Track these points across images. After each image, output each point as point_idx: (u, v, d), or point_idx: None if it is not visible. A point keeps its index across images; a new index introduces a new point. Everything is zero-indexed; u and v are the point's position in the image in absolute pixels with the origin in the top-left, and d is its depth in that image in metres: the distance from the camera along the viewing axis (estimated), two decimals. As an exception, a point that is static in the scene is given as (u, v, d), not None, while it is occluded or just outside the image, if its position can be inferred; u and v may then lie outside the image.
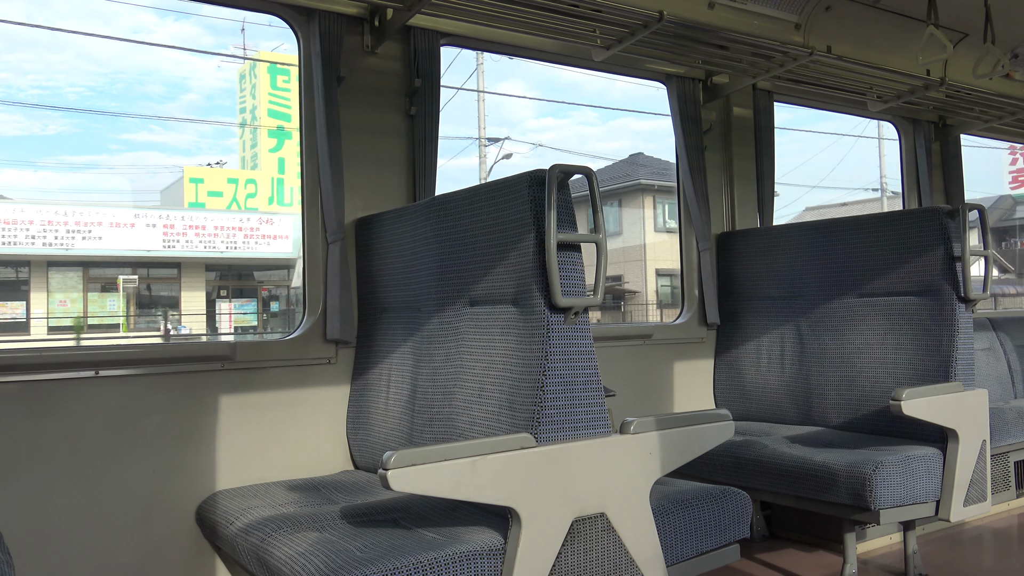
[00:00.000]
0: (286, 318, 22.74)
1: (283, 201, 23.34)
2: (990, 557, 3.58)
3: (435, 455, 1.85)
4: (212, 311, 22.19)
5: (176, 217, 21.08)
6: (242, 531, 2.20)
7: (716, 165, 4.14)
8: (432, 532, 2.04)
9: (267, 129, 23.58)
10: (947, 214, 3.12)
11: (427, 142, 3.17)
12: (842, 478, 2.73)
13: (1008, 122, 5.10)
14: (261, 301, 23.24)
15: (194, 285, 22.10)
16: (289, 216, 22.15)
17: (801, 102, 4.64)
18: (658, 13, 3.20)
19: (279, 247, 22.12)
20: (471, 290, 2.38)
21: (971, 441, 2.90)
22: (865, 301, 3.41)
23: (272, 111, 23.61)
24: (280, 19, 3.02)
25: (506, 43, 3.47)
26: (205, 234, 21.32)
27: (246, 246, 21.73)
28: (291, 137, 23.39)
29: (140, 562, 2.57)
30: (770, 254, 3.82)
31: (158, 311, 21.57)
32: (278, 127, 23.54)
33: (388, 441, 2.67)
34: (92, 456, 2.53)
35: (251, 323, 22.70)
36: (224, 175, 23.49)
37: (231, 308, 22.47)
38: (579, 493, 2.01)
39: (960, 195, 5.29)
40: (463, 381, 2.34)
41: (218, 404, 2.74)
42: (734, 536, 2.36)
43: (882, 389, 3.25)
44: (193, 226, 21.16)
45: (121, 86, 44.73)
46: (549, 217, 2.01)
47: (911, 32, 4.13)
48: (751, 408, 3.84)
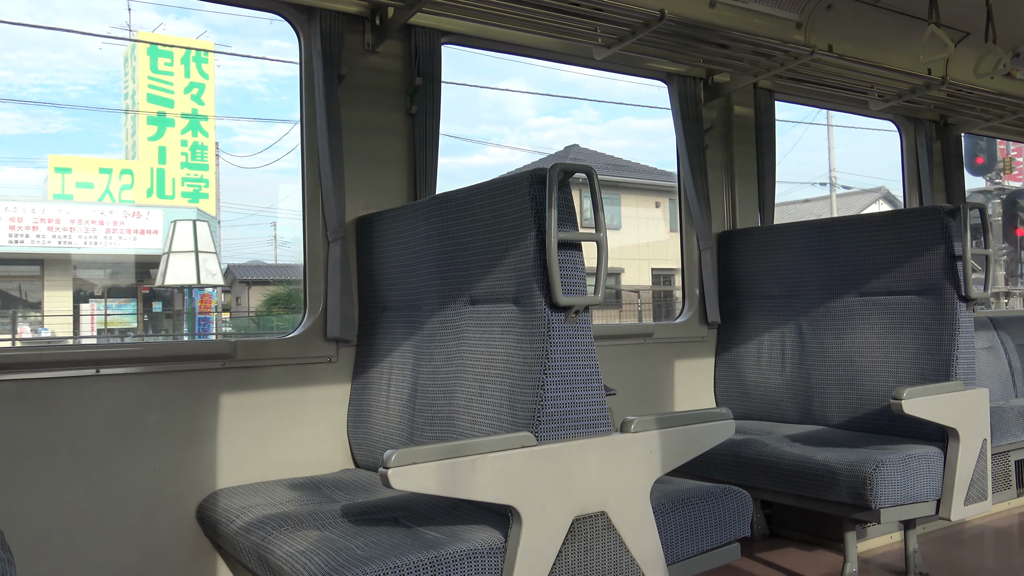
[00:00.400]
0: (174, 321, 19.80)
1: (164, 193, 21.08)
2: (991, 556, 3.58)
3: (436, 454, 1.85)
4: (78, 312, 19.74)
5: (26, 209, 18.65)
6: (243, 529, 2.21)
7: (717, 164, 4.13)
8: (433, 530, 2.04)
9: (146, 116, 21.23)
10: (948, 213, 3.12)
11: (428, 141, 3.16)
12: (843, 477, 2.73)
13: (1009, 121, 5.09)
14: (142, 301, 20.79)
15: (61, 284, 19.80)
16: (160, 209, 19.78)
17: (802, 101, 4.64)
18: (659, 12, 3.20)
19: (147, 243, 19.62)
20: (472, 289, 2.38)
21: (972, 440, 2.89)
22: (866, 300, 3.41)
23: (152, 96, 21.28)
24: (281, 17, 3.02)
25: (507, 42, 3.47)
26: (59, 228, 18.86)
27: (108, 241, 19.42)
28: (173, 124, 21.31)
29: (141, 560, 2.58)
30: (771, 253, 3.82)
31: (6, 312, 18.88)
32: (159, 113, 21.27)
33: (389, 440, 2.67)
34: (93, 454, 2.53)
35: (130, 325, 20.35)
36: (95, 164, 21.07)
37: (93, 308, 19.79)
38: (580, 492, 2.01)
39: (961, 194, 5.29)
40: (464, 380, 2.34)
41: (219, 402, 2.74)
42: (735, 535, 2.36)
43: (883, 388, 3.25)
44: (45, 219, 18.73)
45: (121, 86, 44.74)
46: (550, 216, 2.01)
47: (912, 31, 4.13)
48: (752, 407, 3.84)
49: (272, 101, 58.64)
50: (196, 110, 21.92)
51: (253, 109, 61.92)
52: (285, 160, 26.69)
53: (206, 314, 18.60)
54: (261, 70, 63.16)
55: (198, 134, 21.99)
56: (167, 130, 21.50)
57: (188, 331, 17.62)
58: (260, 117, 68.80)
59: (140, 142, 21.41)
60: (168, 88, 21.56)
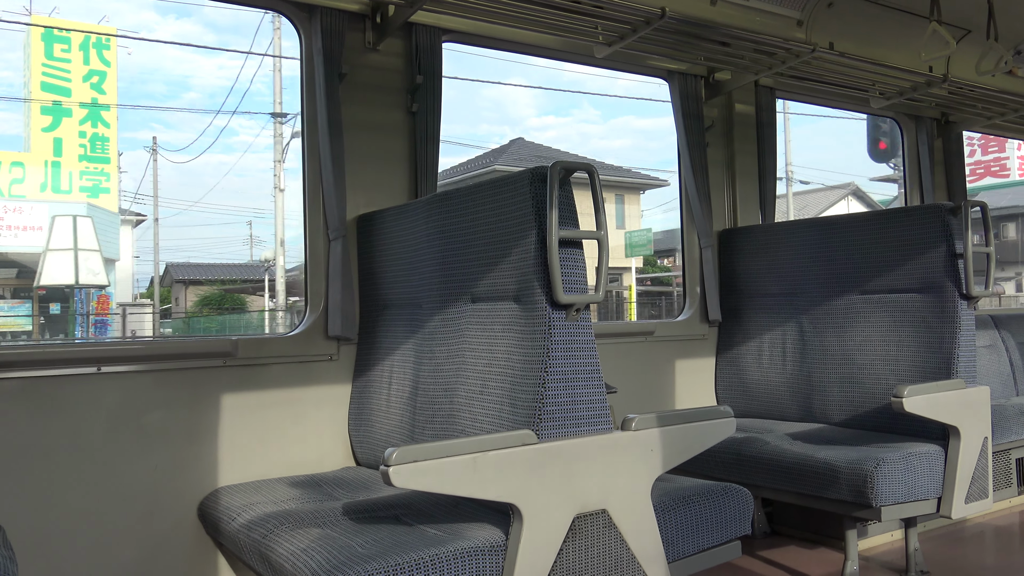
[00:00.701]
0: (69, 323, 18.58)
1: (59, 188, 19.80)
2: (991, 554, 3.58)
3: (436, 451, 1.85)
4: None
5: None
6: (244, 527, 2.21)
7: (718, 162, 4.13)
8: (434, 528, 2.04)
9: (40, 105, 19.79)
10: (949, 211, 3.12)
11: (429, 139, 3.16)
12: (844, 475, 2.73)
13: (1011, 119, 5.09)
14: (37, 302, 19.55)
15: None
16: (46, 204, 18.58)
17: (804, 99, 4.64)
18: (660, 9, 3.19)
19: (28, 239, 18.49)
20: (473, 287, 2.38)
21: (973, 438, 2.89)
22: (867, 298, 3.41)
23: (46, 84, 19.87)
24: (282, 15, 3.02)
25: (508, 40, 3.47)
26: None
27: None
28: (70, 115, 19.85)
29: (142, 558, 2.58)
30: (772, 251, 3.82)
31: None
32: (53, 103, 19.78)
33: (390, 437, 2.68)
34: (94, 452, 2.53)
35: (24, 327, 19.35)
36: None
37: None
38: (580, 490, 2.01)
39: (962, 192, 5.29)
40: (465, 377, 2.34)
41: (220, 400, 2.74)
42: (735, 533, 2.36)
43: (884, 386, 3.24)
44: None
45: (123, 84, 44.66)
46: (551, 214, 2.01)
47: (914, 29, 4.12)
48: (753, 405, 3.84)
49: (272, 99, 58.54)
50: (96, 99, 20.32)
51: (252, 106, 61.82)
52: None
53: (103, 316, 17.95)
54: (260, 67, 63.06)
55: (98, 125, 20.46)
56: (63, 120, 19.96)
57: (79, 336, 16.65)
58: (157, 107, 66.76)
59: (33, 133, 19.91)
60: (65, 76, 20.03)
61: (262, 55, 23.71)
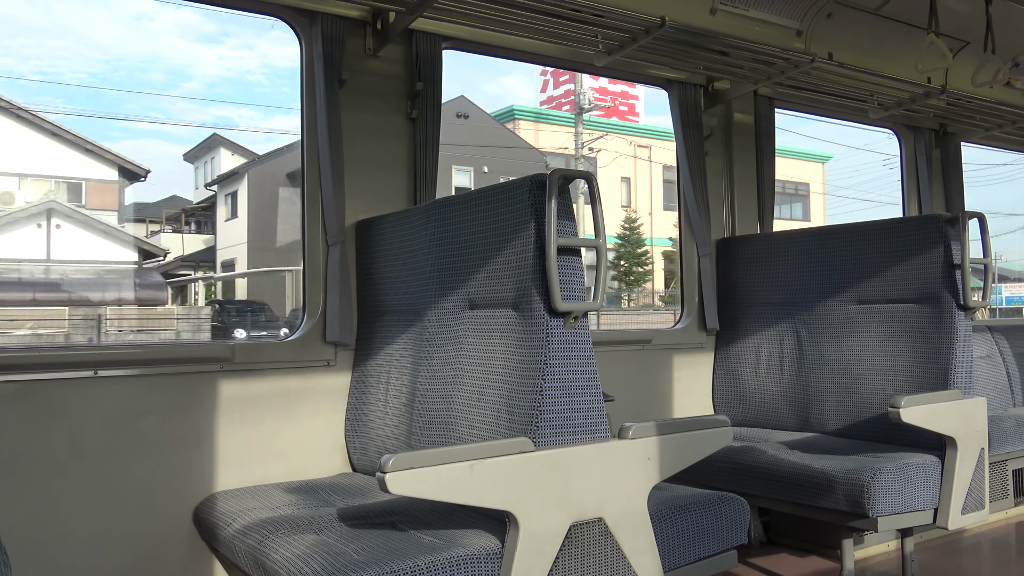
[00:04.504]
0: None
1: None
2: (988, 565, 3.58)
3: (433, 458, 1.85)
4: None
5: None
6: (240, 533, 2.20)
7: (717, 171, 4.14)
8: (430, 535, 2.04)
9: None
10: (947, 222, 3.13)
11: (428, 145, 3.17)
12: (840, 485, 2.73)
13: (1008, 131, 5.11)
14: None
15: None
16: None
17: (802, 109, 4.64)
18: (660, 19, 3.21)
19: None
20: (471, 294, 2.39)
21: (969, 449, 2.89)
22: (864, 308, 3.41)
23: None
24: (282, 21, 3.03)
25: (508, 47, 3.48)
26: None
27: None
28: None
29: (137, 563, 2.57)
30: (770, 260, 3.82)
31: None
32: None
33: (386, 444, 2.67)
34: (90, 456, 2.53)
35: None
36: None
37: None
38: (577, 498, 2.01)
39: (960, 203, 5.30)
40: (462, 384, 2.34)
41: (217, 405, 2.73)
42: (732, 542, 2.35)
43: (881, 396, 3.25)
44: None
45: (122, 73, 44.56)
46: (549, 221, 2.02)
47: (912, 40, 4.14)
48: (750, 414, 3.84)
49: (273, 92, 58.52)
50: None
51: (252, 99, 61.72)
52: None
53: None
54: (261, 61, 63.12)
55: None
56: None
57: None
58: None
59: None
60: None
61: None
